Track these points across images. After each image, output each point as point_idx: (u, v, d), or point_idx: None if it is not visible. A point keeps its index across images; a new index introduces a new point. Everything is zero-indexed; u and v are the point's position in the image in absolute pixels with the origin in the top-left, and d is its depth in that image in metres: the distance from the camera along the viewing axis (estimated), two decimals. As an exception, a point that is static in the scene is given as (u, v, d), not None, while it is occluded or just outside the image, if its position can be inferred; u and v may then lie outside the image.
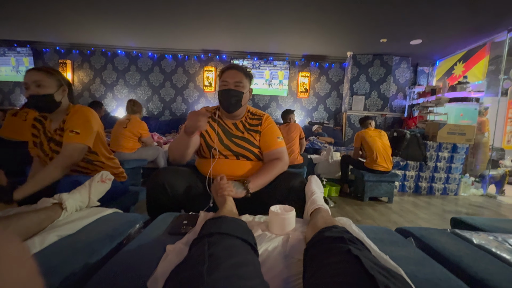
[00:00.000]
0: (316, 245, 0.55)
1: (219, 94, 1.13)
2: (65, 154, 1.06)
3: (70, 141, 1.07)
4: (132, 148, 2.62)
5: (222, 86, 1.12)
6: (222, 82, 1.12)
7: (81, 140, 1.09)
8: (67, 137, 1.08)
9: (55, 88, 1.10)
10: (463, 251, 0.74)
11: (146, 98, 5.52)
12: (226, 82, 1.11)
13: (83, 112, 1.14)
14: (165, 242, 0.69)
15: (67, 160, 1.06)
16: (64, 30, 4.50)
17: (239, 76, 1.11)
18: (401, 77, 4.94)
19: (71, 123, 1.10)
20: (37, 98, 1.06)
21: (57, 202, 0.83)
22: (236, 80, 1.10)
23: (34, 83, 1.05)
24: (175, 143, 1.10)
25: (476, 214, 2.60)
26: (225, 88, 1.10)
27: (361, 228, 0.85)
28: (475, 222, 1.06)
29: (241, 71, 1.12)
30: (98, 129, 1.20)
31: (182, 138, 1.04)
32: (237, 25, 3.90)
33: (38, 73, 1.06)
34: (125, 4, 3.35)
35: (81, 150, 1.10)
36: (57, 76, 1.12)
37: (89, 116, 1.15)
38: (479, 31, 3.60)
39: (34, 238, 0.65)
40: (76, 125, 1.10)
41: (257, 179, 1.03)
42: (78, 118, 1.12)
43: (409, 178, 3.40)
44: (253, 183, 1.00)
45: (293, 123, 2.90)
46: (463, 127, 3.32)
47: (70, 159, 1.06)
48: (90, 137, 1.13)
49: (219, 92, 1.13)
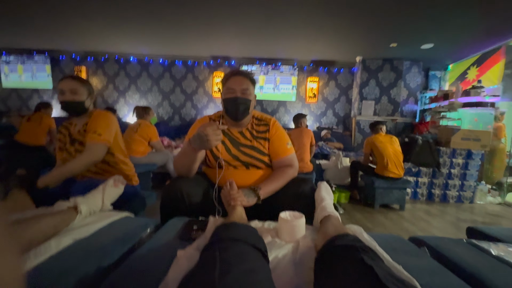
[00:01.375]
0: (328, 253, 0.54)
1: (225, 102, 1.07)
2: (88, 153, 1.15)
3: (94, 141, 1.17)
4: (143, 153, 2.67)
5: (228, 93, 1.07)
6: (228, 89, 1.07)
7: (103, 140, 1.19)
8: (91, 137, 1.17)
9: (86, 96, 1.23)
10: (481, 262, 0.71)
11: (156, 103, 5.63)
12: (232, 89, 1.06)
13: (104, 115, 1.26)
14: (175, 247, 0.70)
15: (90, 158, 1.15)
16: (79, 39, 4.68)
17: (246, 82, 1.07)
18: (412, 81, 4.86)
19: (94, 125, 1.20)
20: (72, 104, 1.19)
21: (72, 205, 0.86)
22: (243, 87, 1.06)
23: (70, 90, 1.18)
24: (180, 158, 1.04)
25: (493, 223, 2.49)
26: (232, 96, 1.05)
27: (373, 236, 0.83)
28: (492, 232, 1.01)
29: (247, 77, 1.09)
30: (116, 131, 1.30)
31: (188, 153, 0.99)
32: (245, 31, 3.96)
33: (74, 82, 1.20)
34: (136, 12, 3.47)
35: (102, 149, 1.20)
36: (88, 85, 1.26)
37: (110, 119, 1.26)
38: (492, 34, 3.51)
39: (50, 241, 0.67)
40: (98, 127, 1.20)
41: (268, 186, 1.01)
42: (100, 120, 1.23)
43: (421, 185, 3.31)
44: (263, 190, 0.99)
45: (305, 129, 2.87)
46: (478, 132, 3.22)
47: (93, 157, 1.16)
48: (110, 139, 1.23)
49: (226, 100, 1.07)
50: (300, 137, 2.75)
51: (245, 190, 0.97)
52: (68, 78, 1.20)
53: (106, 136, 1.20)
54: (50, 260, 0.61)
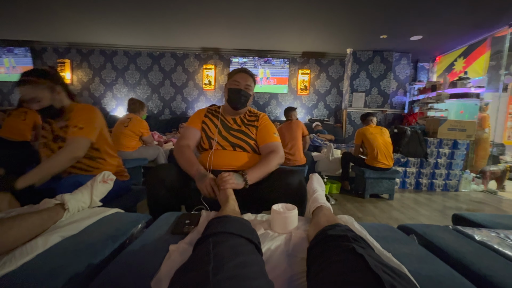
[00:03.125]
0: (320, 243, 0.54)
1: (230, 91, 1.24)
2: (69, 148, 1.08)
3: (74, 135, 1.10)
4: (133, 147, 2.62)
5: (234, 85, 1.23)
6: (234, 81, 1.23)
7: (84, 134, 1.11)
8: (71, 132, 1.10)
9: (50, 96, 1.10)
10: (466, 248, 0.74)
11: (145, 97, 5.51)
12: (238, 82, 1.23)
13: (86, 109, 1.18)
14: (168, 241, 0.69)
15: (70, 154, 1.07)
16: (63, 30, 4.48)
17: (249, 80, 1.25)
18: (401, 73, 4.92)
19: (75, 119, 1.13)
20: (44, 112, 1.10)
21: (59, 202, 0.83)
22: (247, 83, 1.24)
23: (31, 99, 1.06)
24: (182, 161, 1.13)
25: (477, 210, 2.60)
26: (237, 88, 1.22)
27: (363, 225, 0.85)
28: (476, 218, 1.06)
29: (251, 76, 1.27)
30: (101, 126, 1.23)
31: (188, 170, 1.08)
32: (236, 23, 3.88)
33: (28, 89, 1.05)
34: (123, 2, 3.33)
35: (84, 144, 1.11)
36: (45, 82, 1.08)
37: (93, 113, 1.18)
38: (479, 26, 3.57)
39: (37, 239, 0.65)
40: (79, 120, 1.12)
41: (254, 171, 1.06)
42: (81, 114, 1.15)
43: (409, 174, 3.40)
44: (250, 175, 1.03)
45: (295, 120, 2.88)
46: (464, 123, 3.32)
47: (73, 152, 1.08)
48: (93, 132, 1.15)
49: (231, 89, 1.23)
50: (291, 130, 2.75)
51: (233, 174, 1.00)
52: (21, 87, 1.05)
53: (87, 130, 1.12)
54: (38, 259, 0.59)
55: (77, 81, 5.49)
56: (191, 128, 1.26)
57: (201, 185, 0.98)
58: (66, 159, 1.06)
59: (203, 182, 0.98)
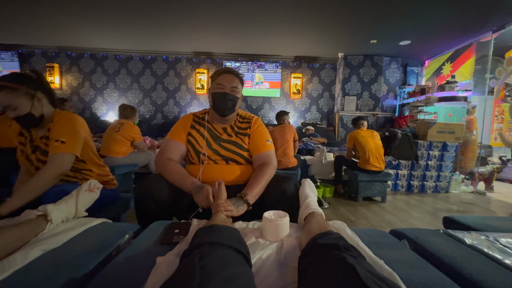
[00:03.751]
0: (311, 253, 0.53)
1: (214, 96, 1.10)
2: (52, 165, 0.99)
3: (56, 151, 1.01)
4: (124, 153, 2.57)
5: (218, 88, 1.10)
6: (218, 85, 1.10)
7: (67, 149, 1.03)
8: (53, 147, 1.01)
9: (28, 103, 1.00)
10: (457, 252, 0.74)
11: (137, 101, 5.44)
12: (222, 85, 1.09)
13: (68, 119, 1.08)
14: (156, 253, 0.67)
15: (54, 171, 0.99)
16: (52, 33, 4.39)
17: (236, 81, 1.11)
18: (391, 77, 5.02)
19: (56, 131, 1.04)
20: (20, 120, 1.01)
21: (41, 214, 0.80)
22: (232, 85, 1.10)
23: (7, 107, 0.97)
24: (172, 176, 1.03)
25: (467, 211, 2.65)
26: (222, 91, 1.09)
27: (356, 231, 0.85)
28: (466, 220, 1.07)
29: (237, 76, 1.13)
30: (86, 135, 1.15)
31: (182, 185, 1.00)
32: (228, 27, 3.89)
33: (2, 95, 0.95)
34: (115, 6, 3.30)
35: (68, 159, 1.04)
36: (22, 88, 0.98)
37: (75, 123, 1.08)
38: (465, 32, 3.69)
39: (15, 254, 0.61)
40: (61, 133, 1.03)
41: (253, 190, 0.99)
42: (62, 125, 1.05)
43: (401, 177, 3.45)
44: (250, 195, 0.96)
45: (287, 125, 2.88)
46: (452, 125, 3.39)
47: (58, 170, 1.00)
48: (77, 146, 1.07)
49: (215, 94, 1.10)
50: (283, 133, 2.76)
51: (232, 199, 0.93)
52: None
53: (71, 144, 1.03)
54: (15, 276, 0.56)
55: (66, 86, 5.38)
56: (174, 142, 1.12)
57: (198, 198, 0.92)
58: (51, 178, 0.98)
59: (200, 194, 0.91)
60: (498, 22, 3.34)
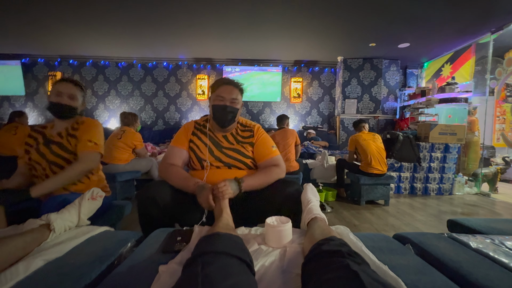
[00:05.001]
0: (314, 259, 0.53)
1: (215, 108, 1.12)
2: (85, 161, 1.14)
3: (90, 149, 1.16)
4: (126, 160, 2.58)
5: (218, 101, 1.12)
6: (218, 96, 1.12)
7: (98, 149, 1.19)
8: (86, 146, 1.15)
9: (80, 102, 1.22)
10: (462, 256, 0.73)
11: (138, 108, 5.47)
12: (222, 97, 1.11)
13: (97, 124, 1.25)
14: (158, 261, 0.66)
15: (86, 166, 1.14)
16: (54, 43, 4.46)
17: (235, 92, 1.13)
18: (391, 79, 5.03)
19: (89, 133, 1.18)
20: (66, 108, 1.16)
21: (44, 223, 0.80)
22: (232, 97, 1.11)
23: (69, 95, 1.16)
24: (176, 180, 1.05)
25: (471, 213, 2.62)
26: (222, 104, 1.11)
27: (359, 236, 0.84)
28: (471, 223, 1.06)
29: (237, 87, 1.15)
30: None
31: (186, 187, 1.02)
32: (228, 33, 3.93)
33: (75, 88, 1.19)
34: (115, 14, 3.35)
35: (98, 159, 1.20)
36: (84, 92, 1.25)
37: (101, 129, 1.27)
38: (463, 33, 3.70)
39: (18, 264, 0.61)
40: (93, 135, 1.18)
41: (251, 179, 1.02)
42: (93, 128, 1.21)
43: (404, 179, 3.42)
44: (246, 182, 0.99)
45: (289, 129, 2.89)
46: (454, 127, 3.38)
47: (89, 165, 1.15)
48: (103, 149, 1.24)
49: (215, 106, 1.12)
50: (285, 138, 2.76)
51: (230, 181, 0.97)
52: (69, 82, 1.18)
53: (100, 145, 1.20)
54: (17, 287, 0.56)
55: (68, 94, 5.43)
56: (177, 148, 1.16)
57: (201, 199, 0.93)
58: (81, 171, 1.13)
59: (203, 195, 0.93)
60: (496, 23, 3.36)
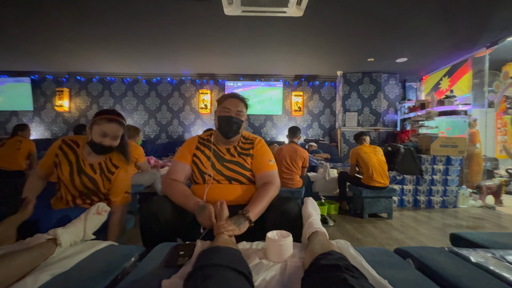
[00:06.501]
0: (313, 274, 0.54)
1: (220, 119, 1.16)
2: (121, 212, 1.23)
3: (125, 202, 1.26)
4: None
5: (224, 112, 1.16)
6: (224, 108, 1.16)
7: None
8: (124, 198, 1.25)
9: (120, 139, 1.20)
10: (462, 271, 0.73)
11: (142, 122, 5.57)
12: (228, 109, 1.16)
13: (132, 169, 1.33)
14: (161, 275, 0.68)
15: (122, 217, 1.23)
16: (63, 60, 4.64)
17: (241, 105, 1.18)
18: (390, 92, 5.11)
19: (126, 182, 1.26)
20: (106, 148, 1.14)
21: (51, 237, 0.82)
22: (238, 109, 1.16)
23: (113, 137, 1.14)
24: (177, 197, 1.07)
25: (477, 227, 2.57)
26: (228, 115, 1.15)
27: (359, 250, 0.84)
28: (473, 237, 1.05)
29: (242, 101, 1.20)
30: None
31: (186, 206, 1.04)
32: (230, 50, 4.07)
33: (120, 128, 1.16)
34: (121, 33, 3.50)
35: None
36: (124, 127, 1.21)
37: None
38: (459, 48, 3.80)
39: (26, 279, 0.63)
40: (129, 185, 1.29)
41: (255, 207, 1.00)
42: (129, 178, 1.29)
43: (407, 192, 3.40)
44: (252, 212, 0.98)
45: (301, 149, 2.79)
46: (455, 139, 3.39)
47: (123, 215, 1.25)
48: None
49: (221, 117, 1.16)
50: (295, 156, 2.68)
51: (233, 218, 0.94)
52: (115, 123, 1.14)
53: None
54: (26, 301, 0.57)
55: (75, 109, 5.57)
56: (180, 163, 1.18)
57: (201, 219, 0.94)
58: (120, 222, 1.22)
59: (203, 214, 0.93)
60: (491, 38, 3.45)
